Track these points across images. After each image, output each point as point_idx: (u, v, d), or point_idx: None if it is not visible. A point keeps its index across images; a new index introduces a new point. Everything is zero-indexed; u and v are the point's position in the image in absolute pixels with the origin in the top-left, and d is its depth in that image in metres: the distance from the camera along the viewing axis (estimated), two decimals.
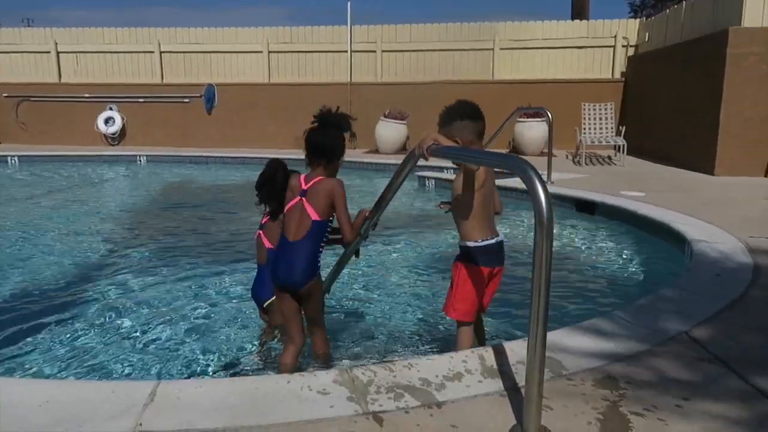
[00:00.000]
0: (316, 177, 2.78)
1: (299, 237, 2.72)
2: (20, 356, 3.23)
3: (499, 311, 3.91)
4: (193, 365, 3.11)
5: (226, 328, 3.55)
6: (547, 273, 1.89)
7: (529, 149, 11.75)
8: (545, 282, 1.89)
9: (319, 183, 2.75)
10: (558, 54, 13.33)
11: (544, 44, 13.32)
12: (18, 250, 5.53)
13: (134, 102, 14.09)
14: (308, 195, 2.73)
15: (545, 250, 1.87)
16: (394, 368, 2.45)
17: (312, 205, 2.72)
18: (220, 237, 6.06)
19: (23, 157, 12.18)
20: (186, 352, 3.25)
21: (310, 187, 2.74)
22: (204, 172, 11.32)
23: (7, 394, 2.22)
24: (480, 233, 2.77)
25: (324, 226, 2.75)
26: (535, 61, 13.40)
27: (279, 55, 14.13)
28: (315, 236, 2.72)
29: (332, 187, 2.74)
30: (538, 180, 1.86)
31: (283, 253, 2.77)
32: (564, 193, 6.98)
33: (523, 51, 13.40)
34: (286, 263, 2.73)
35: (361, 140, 13.36)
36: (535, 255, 1.88)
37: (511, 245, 5.75)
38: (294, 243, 2.72)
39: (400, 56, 13.83)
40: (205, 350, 3.28)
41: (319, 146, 2.79)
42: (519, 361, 2.46)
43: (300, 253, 2.71)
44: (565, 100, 11.97)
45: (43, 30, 15.00)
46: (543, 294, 1.90)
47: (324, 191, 2.73)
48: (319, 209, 2.72)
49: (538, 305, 1.91)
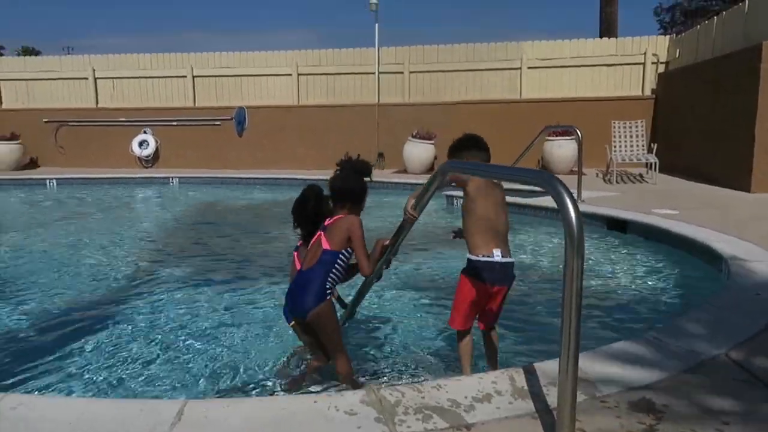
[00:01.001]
0: (338, 215, 2.96)
1: (311, 266, 2.87)
2: (51, 373, 3.27)
3: (531, 331, 3.84)
4: (221, 384, 3.11)
5: (254, 347, 3.54)
6: (579, 291, 1.84)
7: (558, 168, 11.63)
8: (576, 301, 1.84)
9: (340, 219, 2.93)
10: (587, 72, 13.23)
11: (572, 62, 13.24)
12: (53, 269, 5.64)
13: (168, 125, 14.40)
14: (327, 230, 2.92)
15: (576, 268, 1.83)
16: (423, 389, 2.41)
17: (327, 238, 2.89)
18: (250, 257, 6.10)
19: (61, 179, 12.51)
20: (214, 371, 3.25)
21: (331, 224, 2.93)
22: (235, 193, 11.46)
23: (39, 410, 2.24)
24: (482, 248, 2.81)
25: (335, 256, 2.87)
26: (563, 79, 13.31)
27: (308, 77, 14.32)
28: (325, 264, 2.85)
29: (350, 222, 2.91)
30: (568, 196, 1.82)
31: (296, 281, 2.95)
32: (595, 211, 6.86)
33: (551, 70, 13.34)
34: (295, 292, 2.89)
35: (390, 160, 13.41)
36: (566, 273, 1.84)
37: (541, 264, 5.67)
38: (304, 272, 2.89)
39: (428, 77, 13.89)
40: (233, 369, 3.27)
41: (344, 191, 2.99)
42: (550, 382, 2.39)
43: (308, 281, 2.85)
44: (594, 118, 11.84)
45: (82, 57, 15.51)
46: (574, 313, 1.85)
47: (342, 226, 2.89)
48: (332, 240, 2.88)
49: (570, 325, 1.86)
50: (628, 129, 11.31)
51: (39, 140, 14.55)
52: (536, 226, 7.11)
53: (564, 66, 13.28)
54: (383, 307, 4.29)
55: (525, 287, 4.96)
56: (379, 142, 13.61)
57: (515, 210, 7.79)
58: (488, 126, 13.01)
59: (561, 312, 1.87)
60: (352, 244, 2.89)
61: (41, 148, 14.70)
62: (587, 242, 6.17)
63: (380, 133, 13.61)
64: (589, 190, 8.19)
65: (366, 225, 2.98)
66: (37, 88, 15.13)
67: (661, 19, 34.27)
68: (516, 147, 9.66)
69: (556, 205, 1.86)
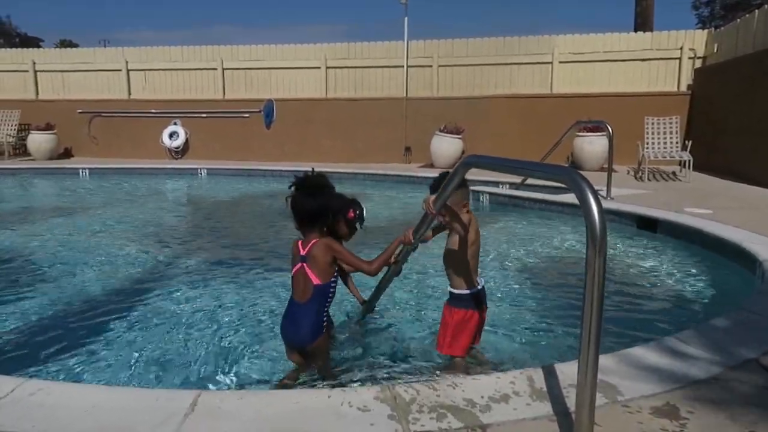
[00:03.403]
0: (311, 240, 2.89)
1: (304, 300, 2.87)
2: (69, 360, 3.32)
3: (551, 330, 3.77)
4: (235, 376, 3.11)
5: (272, 340, 3.54)
6: (600, 291, 1.78)
7: (588, 164, 11.44)
8: (597, 301, 1.78)
9: (315, 246, 2.86)
10: (620, 67, 12.96)
11: (605, 57, 12.98)
12: (78, 257, 5.73)
13: (197, 117, 14.57)
14: (308, 260, 2.86)
15: (598, 267, 1.77)
16: (438, 387, 2.37)
17: (313, 271, 2.85)
18: (274, 249, 6.11)
19: (93, 169, 12.76)
20: (228, 363, 3.26)
21: (308, 253, 2.87)
22: (261, 185, 11.53)
23: (56, 397, 2.27)
24: (472, 283, 3.00)
25: (326, 288, 2.90)
26: (595, 74, 13.07)
27: (336, 70, 14.33)
28: (318, 299, 2.87)
29: (326, 245, 2.86)
30: (590, 192, 1.76)
31: (291, 312, 2.93)
32: (624, 209, 6.72)
33: (584, 64, 13.10)
34: (293, 324, 2.90)
35: (416, 154, 13.36)
36: (587, 272, 1.78)
37: (564, 262, 5.56)
38: (300, 305, 2.88)
39: (457, 70, 13.77)
40: (247, 362, 3.27)
41: (308, 212, 2.88)
42: (571, 384, 2.32)
43: (305, 315, 2.87)
44: (626, 114, 11.63)
45: (116, 49, 15.80)
46: (595, 313, 1.79)
47: (320, 253, 2.85)
48: (319, 273, 2.85)
49: (590, 324, 1.80)
50: (661, 125, 11.07)
51: (73, 130, 14.87)
52: (561, 224, 7.00)
53: (597, 60, 13.03)
54: (401, 301, 4.26)
55: (548, 286, 4.88)
56: (406, 135, 13.56)
57: (542, 207, 7.70)
58: (517, 121, 12.98)
59: (582, 311, 1.82)
60: (339, 261, 2.89)
61: (75, 139, 15.02)
62: (615, 241, 6.09)
63: (407, 127, 13.55)
64: (619, 188, 8.03)
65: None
66: (72, 80, 15.45)
67: (700, 13, 33.42)
68: (545, 142, 9.54)
69: (578, 202, 1.80)
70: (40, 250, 5.97)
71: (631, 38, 13.18)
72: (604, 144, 10.25)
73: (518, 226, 7.12)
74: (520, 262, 5.53)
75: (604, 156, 10.46)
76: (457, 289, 3.01)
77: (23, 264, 5.48)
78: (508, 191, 8.62)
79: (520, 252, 5.89)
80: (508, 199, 8.36)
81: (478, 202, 8.49)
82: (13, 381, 2.40)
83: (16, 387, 2.33)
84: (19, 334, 3.74)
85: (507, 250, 5.92)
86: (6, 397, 2.25)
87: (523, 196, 8.12)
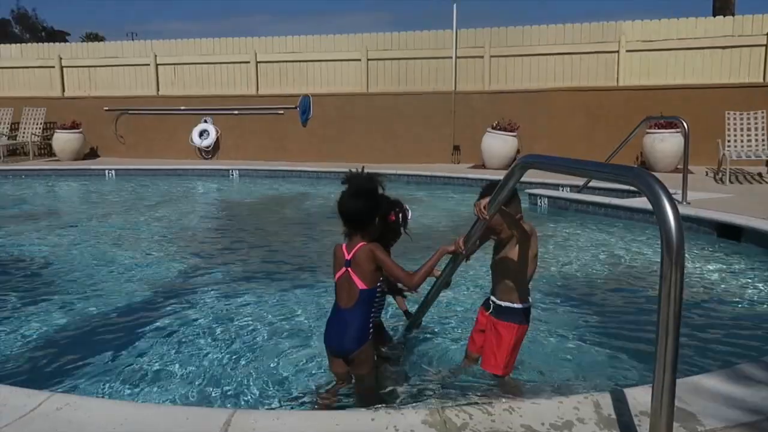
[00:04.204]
0: (356, 244, 2.95)
1: (350, 305, 2.93)
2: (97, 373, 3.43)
3: (619, 350, 3.69)
4: (271, 395, 3.15)
5: (312, 353, 3.58)
6: (677, 308, 1.75)
7: (660, 164, 11.19)
8: (674, 319, 1.75)
9: (360, 251, 2.93)
10: (696, 55, 12.62)
11: (679, 45, 12.67)
12: (105, 265, 5.91)
13: (228, 114, 14.87)
14: (353, 265, 2.93)
15: (675, 281, 1.74)
16: (493, 411, 2.35)
17: (358, 275, 2.92)
18: (311, 257, 6.18)
19: (120, 170, 13.16)
20: (265, 378, 3.30)
21: (353, 257, 2.94)
22: (297, 186, 11.68)
23: (84, 412, 2.35)
24: (528, 296, 3.08)
25: (372, 293, 2.96)
26: (668, 63, 12.76)
27: (378, 62, 14.40)
28: (364, 305, 2.94)
29: (370, 250, 2.92)
30: (665, 196, 1.73)
31: (336, 319, 3.00)
32: (702, 215, 6.55)
33: (654, 53, 12.82)
34: (338, 331, 2.96)
35: (465, 154, 13.31)
36: (662, 287, 1.75)
37: (634, 274, 5.45)
38: (345, 311, 2.94)
39: (511, 61, 13.66)
40: (286, 377, 3.32)
41: (352, 215, 2.96)
42: (643, 411, 2.28)
43: (351, 322, 2.93)
44: (704, 109, 11.34)
45: (144, 42, 16.27)
46: (671, 333, 1.76)
47: (365, 258, 2.92)
48: (364, 278, 2.92)
49: (666, 346, 1.77)
50: (745, 121, 10.76)
51: (99, 129, 15.36)
52: (630, 231, 6.87)
53: (670, 49, 12.72)
54: (453, 314, 4.24)
55: (616, 301, 4.79)
56: (454, 133, 13.52)
57: (607, 212, 7.57)
58: (579, 117, 12.80)
59: (656, 331, 1.79)
60: (385, 270, 2.94)
61: (101, 138, 15.50)
62: (692, 251, 5.94)
63: (456, 124, 13.51)
64: (696, 191, 7.85)
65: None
66: (98, 75, 15.98)
67: None
68: (611, 140, 9.39)
69: (652, 208, 1.77)
70: (65, 258, 6.18)
71: (709, 23, 12.83)
72: (679, 142, 10.05)
73: (580, 233, 7.02)
74: (581, 273, 5.45)
75: (679, 156, 10.24)
76: (515, 303, 3.03)
77: (48, 272, 5.69)
78: (570, 194, 8.52)
79: (583, 261, 5.81)
80: (569, 203, 8.25)
81: (536, 207, 8.41)
82: (41, 395, 2.49)
83: (43, 401, 2.42)
84: (45, 345, 3.88)
85: (568, 260, 5.85)
86: (34, 411, 2.34)
87: (586, 200, 8.01)
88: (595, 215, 7.70)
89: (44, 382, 3.20)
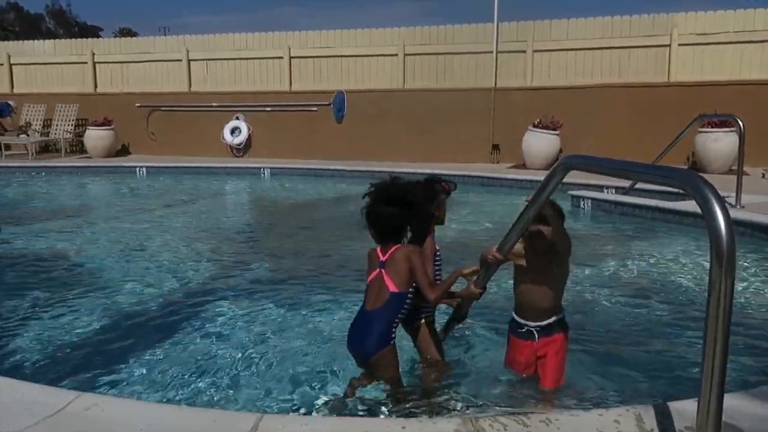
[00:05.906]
0: (392, 246, 3.01)
1: (376, 307, 2.95)
2: (125, 374, 3.52)
3: (664, 361, 3.64)
4: (298, 399, 3.18)
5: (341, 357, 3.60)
6: (726, 318, 1.72)
7: (713, 165, 10.97)
8: (723, 329, 1.72)
9: (397, 252, 2.99)
10: (755, 49, 12.32)
11: (736, 38, 12.39)
12: (134, 264, 6.05)
13: (261, 111, 15.04)
14: (387, 266, 2.97)
15: (725, 289, 1.71)
16: (529, 422, 2.34)
17: (390, 277, 2.95)
18: (343, 259, 6.21)
19: (151, 168, 13.43)
20: (294, 382, 3.34)
21: (388, 258, 2.99)
22: (331, 186, 11.75)
23: (112, 412, 2.41)
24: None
25: (403, 298, 2.97)
26: (724, 58, 12.49)
27: (415, 57, 14.39)
28: (392, 308, 2.96)
29: (408, 252, 2.97)
30: (715, 199, 1.71)
31: (359, 321, 3.03)
32: (758, 220, 6.41)
33: (709, 47, 12.56)
34: (359, 332, 2.99)
35: (506, 153, 13.22)
36: (711, 296, 1.73)
37: (679, 282, 5.37)
38: (370, 312, 2.97)
39: (555, 56, 13.53)
40: (315, 381, 3.35)
41: (385, 225, 3.02)
42: (688, 426, 2.24)
43: (374, 323, 2.95)
44: (761, 106, 11.10)
45: (176, 38, 16.58)
46: (720, 344, 1.73)
47: (401, 259, 2.96)
48: (397, 280, 2.95)
49: (714, 357, 1.74)
50: None
51: (131, 126, 15.69)
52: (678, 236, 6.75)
53: (725, 42, 12.45)
54: (489, 319, 4.22)
55: (660, 309, 4.72)
56: (493, 131, 13.45)
57: (654, 215, 7.46)
58: (627, 114, 12.61)
59: (703, 341, 1.76)
60: (413, 275, 2.95)
61: (133, 134, 15.84)
62: (745, 258, 5.80)
63: (496, 122, 13.44)
64: (751, 194, 7.65)
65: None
66: (131, 71, 16.33)
67: None
68: (661, 139, 9.21)
69: (701, 212, 1.75)
70: (96, 257, 6.34)
71: None
72: (734, 142, 9.84)
73: (625, 237, 6.95)
74: (625, 279, 5.39)
75: (733, 156, 10.03)
76: (559, 315, 3.05)
77: (78, 271, 5.85)
78: (615, 197, 8.41)
79: (627, 267, 5.74)
80: (613, 206, 8.16)
81: (579, 209, 8.32)
82: (70, 394, 2.57)
83: (72, 400, 2.49)
84: (75, 345, 4.00)
85: (611, 265, 5.78)
86: (63, 410, 2.42)
87: (631, 203, 7.90)
88: (642, 219, 7.59)
89: (73, 382, 3.29)
